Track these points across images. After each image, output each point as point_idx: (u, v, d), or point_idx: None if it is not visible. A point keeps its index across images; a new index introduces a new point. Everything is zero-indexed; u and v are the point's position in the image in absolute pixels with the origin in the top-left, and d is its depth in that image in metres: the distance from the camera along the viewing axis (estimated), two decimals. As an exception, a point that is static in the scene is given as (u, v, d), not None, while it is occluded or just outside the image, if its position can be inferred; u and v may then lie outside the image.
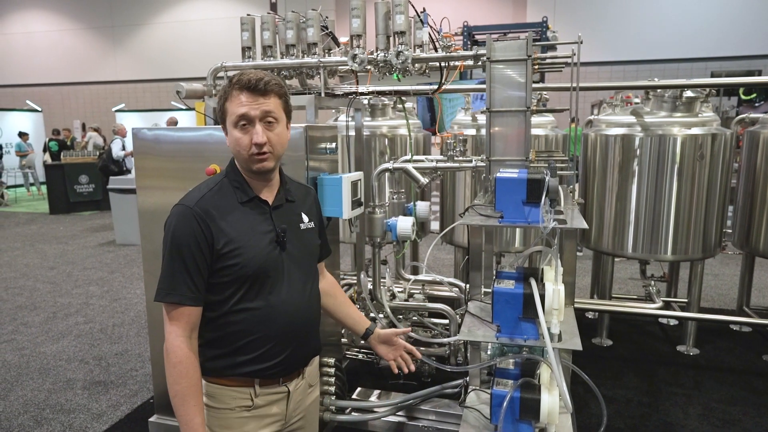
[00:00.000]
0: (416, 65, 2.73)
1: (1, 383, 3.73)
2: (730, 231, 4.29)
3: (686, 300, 4.18)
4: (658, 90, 3.77)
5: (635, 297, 4.82)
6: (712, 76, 10.72)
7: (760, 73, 10.49)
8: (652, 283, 4.19)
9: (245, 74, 1.49)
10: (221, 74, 2.98)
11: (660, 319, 4.60)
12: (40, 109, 17.07)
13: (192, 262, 1.47)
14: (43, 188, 13.42)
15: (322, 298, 1.82)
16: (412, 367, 1.91)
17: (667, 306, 4.08)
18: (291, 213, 1.66)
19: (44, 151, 13.65)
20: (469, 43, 2.91)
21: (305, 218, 1.70)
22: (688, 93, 3.68)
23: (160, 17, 16.83)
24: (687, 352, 4.01)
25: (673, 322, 4.56)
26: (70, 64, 17.71)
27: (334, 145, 2.62)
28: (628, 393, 3.43)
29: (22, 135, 14.00)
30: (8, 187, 13.42)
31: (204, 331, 1.55)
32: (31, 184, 14.42)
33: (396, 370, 1.91)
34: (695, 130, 3.64)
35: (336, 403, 2.74)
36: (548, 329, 1.64)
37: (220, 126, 1.57)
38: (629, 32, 12.95)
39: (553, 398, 1.59)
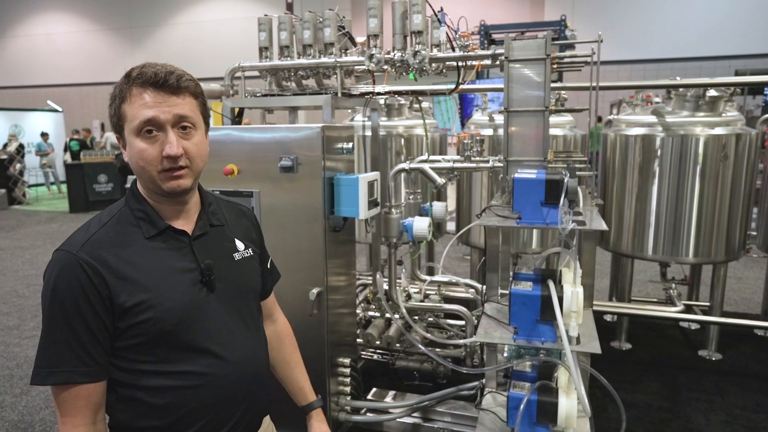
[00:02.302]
0: (433, 65, 2.72)
1: (24, 378, 3.80)
2: (755, 233, 4.19)
3: (708, 303, 4.09)
4: (680, 89, 3.70)
5: (655, 300, 4.73)
6: (737, 74, 10.50)
7: (785, 72, 10.25)
8: (673, 286, 4.12)
9: (149, 66, 1.15)
10: (238, 74, 3.00)
11: (681, 323, 4.51)
12: (60, 109, 17.41)
13: (82, 326, 1.10)
14: (63, 187, 13.72)
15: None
16: None
17: (688, 309, 4.00)
18: (220, 241, 1.32)
19: (65, 150, 13.93)
20: (485, 42, 2.89)
21: (240, 245, 1.36)
22: (712, 92, 3.61)
23: (177, 18, 17.05)
24: (709, 357, 3.93)
25: (694, 326, 4.47)
26: (90, 64, 18.05)
27: (350, 145, 2.62)
28: (648, 398, 3.37)
29: (43, 135, 14.34)
30: (29, 186, 13.71)
31: (116, 411, 1.18)
32: (52, 183, 14.73)
33: None
34: (719, 130, 3.56)
35: (351, 404, 2.74)
36: (566, 332, 1.61)
37: (237, 125, 1.32)
38: (650, 30, 12.76)
39: (571, 402, 1.57)
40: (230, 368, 1.24)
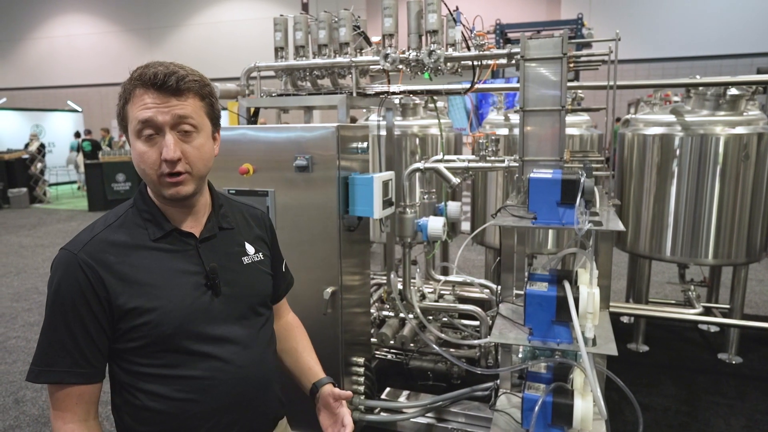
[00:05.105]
0: (448, 64, 2.71)
1: (44, 374, 3.87)
2: (777, 235, 4.10)
3: (728, 306, 4.02)
4: (700, 88, 3.64)
5: (673, 302, 4.67)
6: (759, 72, 10.28)
7: (809, 70, 10.00)
8: (692, 287, 4.05)
9: (152, 66, 1.12)
10: (254, 74, 3.02)
11: (700, 326, 4.44)
12: (80, 109, 17.69)
13: (79, 327, 1.11)
14: (70, 187, 14.06)
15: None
16: None
17: (707, 312, 3.93)
18: (229, 244, 1.30)
19: (77, 150, 14.23)
20: (501, 41, 2.87)
21: (250, 249, 1.33)
22: (732, 91, 3.54)
23: (194, 19, 17.23)
24: (729, 361, 3.86)
25: (713, 328, 4.40)
26: (109, 65, 18.31)
27: (365, 144, 2.62)
28: (666, 401, 3.33)
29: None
30: (50, 185, 13.98)
31: (122, 413, 1.20)
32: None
33: None
34: (740, 130, 3.50)
35: (365, 403, 2.75)
36: (582, 333, 1.59)
37: (253, 125, 1.29)
38: (668, 28, 12.55)
39: (587, 404, 1.55)
40: (234, 373, 1.22)
